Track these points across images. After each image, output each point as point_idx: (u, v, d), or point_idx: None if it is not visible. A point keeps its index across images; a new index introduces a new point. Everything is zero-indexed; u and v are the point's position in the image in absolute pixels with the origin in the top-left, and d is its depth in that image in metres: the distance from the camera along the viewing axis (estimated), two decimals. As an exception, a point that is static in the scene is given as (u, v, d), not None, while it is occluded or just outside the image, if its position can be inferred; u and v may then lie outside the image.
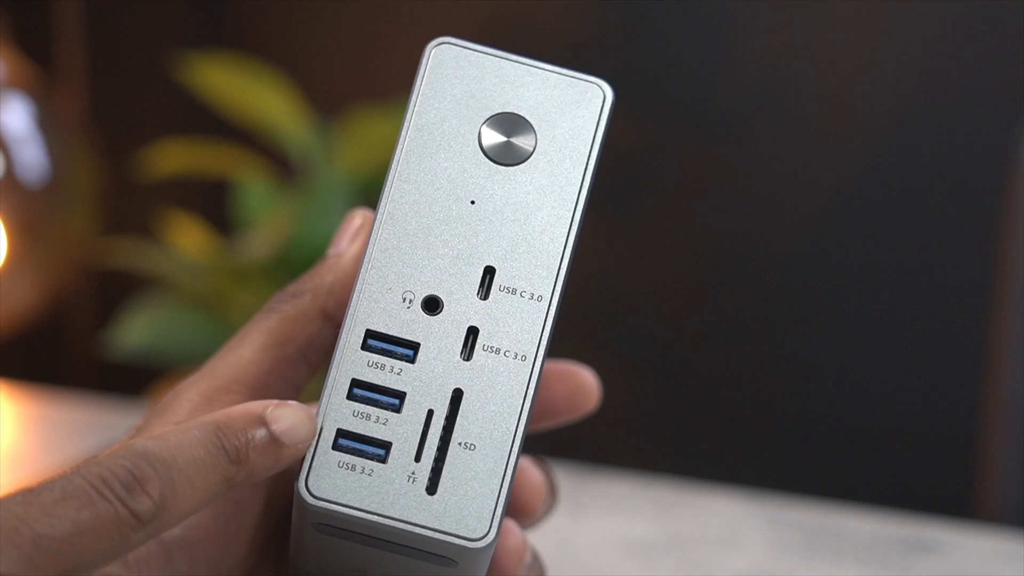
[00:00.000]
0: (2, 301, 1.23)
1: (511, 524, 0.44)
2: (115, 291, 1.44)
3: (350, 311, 0.42)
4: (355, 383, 0.41)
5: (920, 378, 1.32)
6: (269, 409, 0.40)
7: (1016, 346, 1.05)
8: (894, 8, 1.27)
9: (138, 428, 0.43)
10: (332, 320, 0.45)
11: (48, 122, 1.25)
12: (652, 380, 1.37)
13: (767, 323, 1.34)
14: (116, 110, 1.43)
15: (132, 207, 1.43)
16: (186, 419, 0.43)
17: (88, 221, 1.29)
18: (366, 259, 0.42)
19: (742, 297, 1.34)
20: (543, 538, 0.81)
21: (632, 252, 1.35)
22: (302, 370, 0.45)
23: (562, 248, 0.44)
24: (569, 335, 1.41)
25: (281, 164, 1.32)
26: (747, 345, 1.35)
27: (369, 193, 1.08)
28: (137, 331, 1.13)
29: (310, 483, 0.41)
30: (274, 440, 0.39)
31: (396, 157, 0.43)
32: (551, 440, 1.39)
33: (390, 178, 0.43)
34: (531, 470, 0.46)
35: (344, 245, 0.45)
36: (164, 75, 1.40)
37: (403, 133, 0.43)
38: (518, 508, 0.46)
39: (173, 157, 1.19)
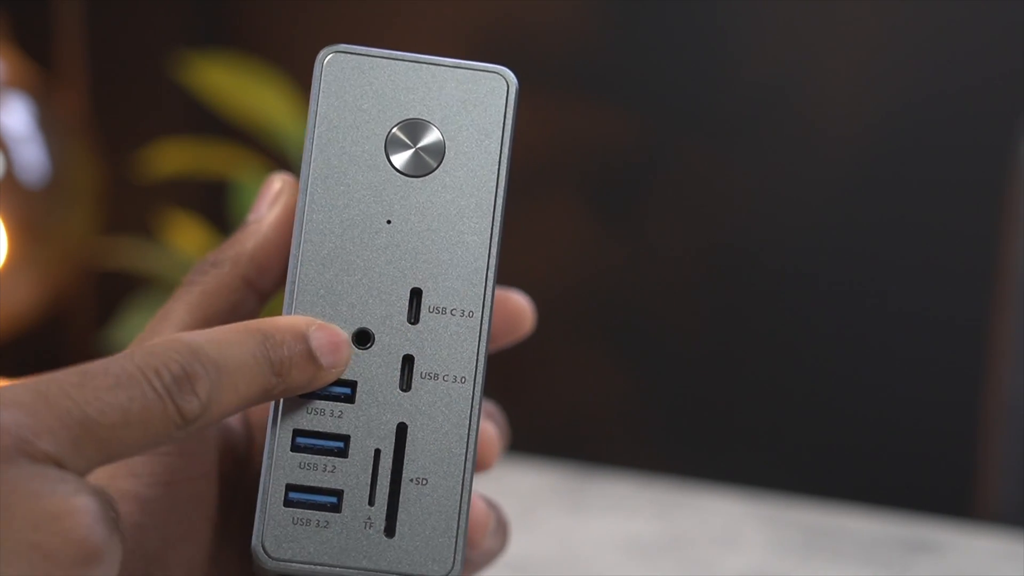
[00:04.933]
0: (2, 301, 1.23)
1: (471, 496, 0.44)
2: (115, 291, 1.44)
3: None
4: (297, 432, 0.41)
5: (920, 378, 1.32)
6: (312, 328, 0.40)
7: (1016, 346, 1.05)
8: (894, 8, 1.27)
9: None
10: (254, 287, 0.44)
11: (48, 122, 1.24)
12: (652, 380, 1.37)
13: (767, 323, 1.34)
14: (116, 110, 1.43)
15: (132, 207, 1.43)
16: None
17: (88, 221, 1.29)
18: (288, 298, 0.41)
19: (742, 297, 1.34)
20: (544, 538, 0.81)
21: (631, 251, 1.35)
22: None
23: (486, 258, 0.42)
24: (569, 335, 1.41)
25: (281, 164, 1.32)
26: (747, 345, 1.35)
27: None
28: (137, 331, 1.13)
29: (267, 544, 0.40)
30: (313, 359, 0.39)
31: (304, 183, 0.42)
32: (551, 440, 1.39)
33: (302, 206, 0.42)
34: (483, 422, 0.46)
35: (264, 209, 0.44)
36: (164, 75, 1.40)
37: (307, 156, 0.42)
38: None
39: (173, 157, 1.19)
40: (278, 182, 0.45)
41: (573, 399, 1.39)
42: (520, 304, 0.47)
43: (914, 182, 1.29)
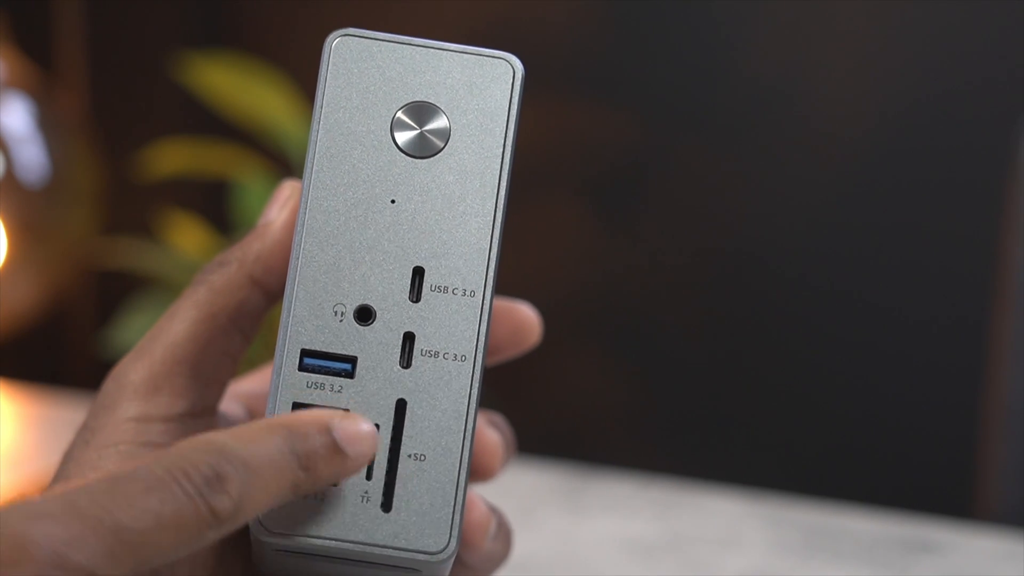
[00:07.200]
0: (2, 301, 1.23)
1: (473, 496, 0.44)
2: (115, 291, 1.44)
3: (282, 331, 0.41)
4: (296, 406, 0.41)
5: (920, 378, 1.32)
6: (336, 419, 0.39)
7: (1016, 346, 1.05)
8: (894, 7, 1.27)
9: (88, 427, 0.43)
10: (260, 286, 0.44)
11: (48, 122, 1.25)
12: (652, 380, 1.37)
13: (767, 323, 1.34)
14: (116, 110, 1.43)
15: (132, 207, 1.43)
16: (140, 413, 0.42)
17: (88, 221, 1.29)
18: (291, 273, 0.41)
19: (742, 297, 1.34)
20: (543, 538, 0.81)
21: (631, 252, 1.35)
22: (236, 340, 0.44)
23: (489, 238, 0.42)
24: (568, 335, 1.41)
25: (281, 164, 1.32)
26: (747, 345, 1.35)
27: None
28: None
29: (263, 518, 0.40)
30: (339, 451, 0.39)
31: (309, 162, 0.42)
32: (551, 440, 1.39)
33: (306, 185, 0.42)
34: (487, 431, 0.46)
35: (274, 213, 0.45)
36: (164, 75, 1.40)
37: (313, 136, 0.42)
38: (476, 470, 0.46)
39: (173, 157, 1.19)
40: (288, 188, 0.45)
41: (573, 399, 1.39)
42: (526, 315, 0.47)
43: (914, 182, 1.29)
